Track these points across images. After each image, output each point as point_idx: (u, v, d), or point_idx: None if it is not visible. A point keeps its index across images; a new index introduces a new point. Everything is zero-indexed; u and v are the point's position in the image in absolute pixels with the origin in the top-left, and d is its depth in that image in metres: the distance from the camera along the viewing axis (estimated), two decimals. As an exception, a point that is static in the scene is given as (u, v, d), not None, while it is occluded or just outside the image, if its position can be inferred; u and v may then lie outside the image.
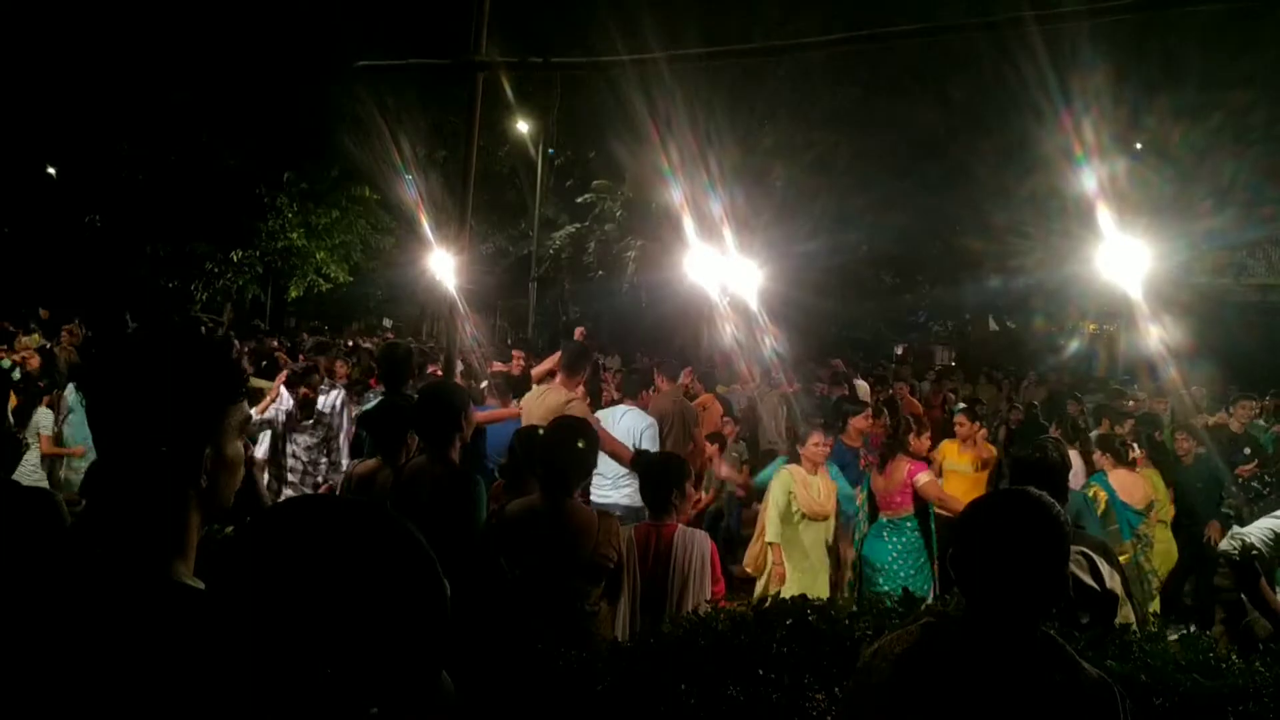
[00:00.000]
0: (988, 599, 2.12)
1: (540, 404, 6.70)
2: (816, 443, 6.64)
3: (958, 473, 8.22)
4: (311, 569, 1.14)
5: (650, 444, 7.07)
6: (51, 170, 23.33)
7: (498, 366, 10.14)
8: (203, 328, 1.52)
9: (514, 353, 10.30)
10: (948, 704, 2.05)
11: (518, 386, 8.32)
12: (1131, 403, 10.85)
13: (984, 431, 8.78)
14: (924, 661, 2.10)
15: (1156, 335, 8.34)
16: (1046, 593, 2.10)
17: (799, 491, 6.36)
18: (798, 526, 6.34)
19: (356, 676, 1.05)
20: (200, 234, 20.87)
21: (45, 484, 7.58)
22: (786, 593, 4.05)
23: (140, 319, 14.16)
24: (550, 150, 26.62)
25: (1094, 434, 8.69)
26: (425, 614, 1.07)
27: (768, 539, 6.32)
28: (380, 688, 0.99)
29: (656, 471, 4.67)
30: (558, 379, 7.00)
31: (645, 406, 7.94)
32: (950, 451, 8.43)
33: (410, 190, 18.70)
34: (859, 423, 7.67)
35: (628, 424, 7.21)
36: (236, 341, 1.57)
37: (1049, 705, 2.02)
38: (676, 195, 14.03)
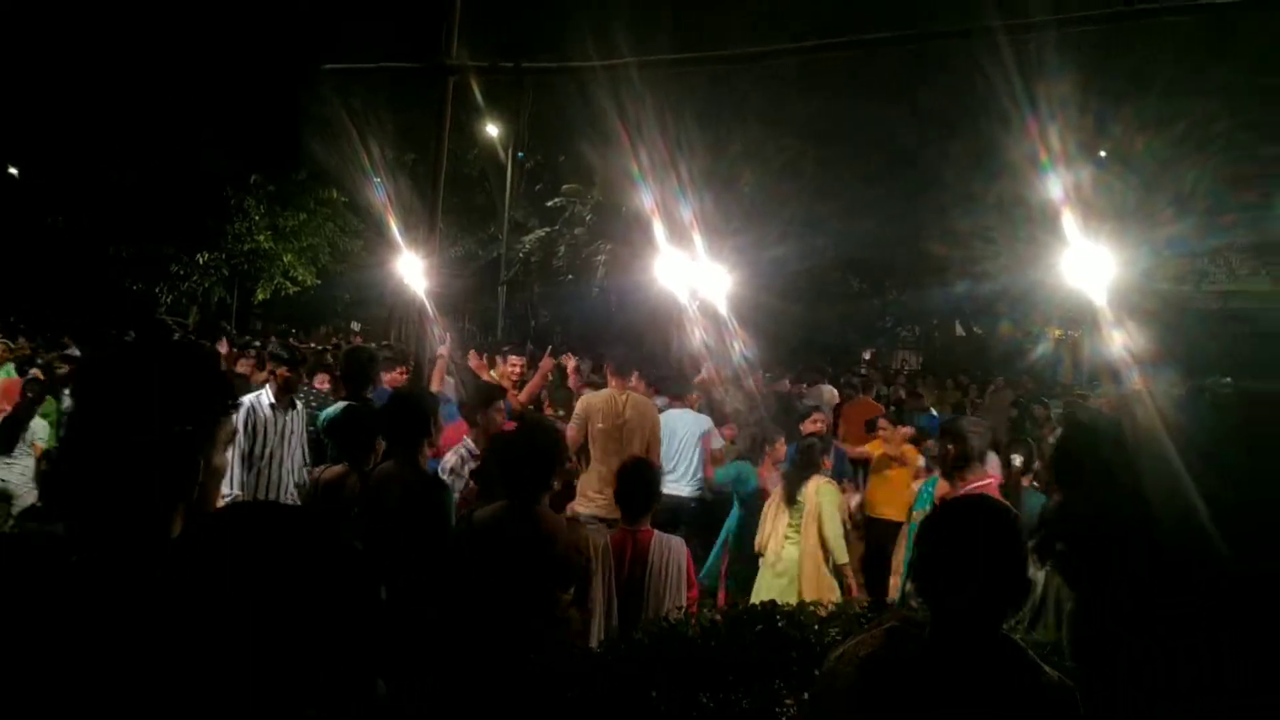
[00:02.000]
0: (948, 603, 2.14)
1: (638, 412, 6.95)
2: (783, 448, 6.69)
3: (883, 476, 8.29)
4: (249, 574, 1.14)
5: (716, 441, 7.87)
6: (14, 170, 22.99)
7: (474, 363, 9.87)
8: (196, 343, 1.55)
9: (512, 358, 9.66)
10: (910, 707, 2.06)
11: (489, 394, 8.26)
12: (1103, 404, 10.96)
13: (907, 431, 8.74)
14: (887, 665, 2.12)
15: (1120, 341, 8.43)
16: (1005, 597, 2.14)
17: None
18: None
19: (292, 679, 1.04)
20: (165, 236, 20.65)
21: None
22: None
23: (134, 331, 14.00)
24: (520, 154, 26.55)
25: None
26: (359, 620, 1.06)
27: (839, 561, 6.21)
28: (316, 691, 0.99)
29: (633, 478, 4.66)
30: (613, 383, 7.19)
31: (691, 406, 8.34)
32: (877, 455, 8.47)
33: (379, 193, 18.59)
34: (809, 427, 7.59)
35: (690, 423, 7.74)
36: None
37: (1010, 707, 2.04)
38: (646, 200, 14.03)
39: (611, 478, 5.02)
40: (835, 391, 12.57)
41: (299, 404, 6.23)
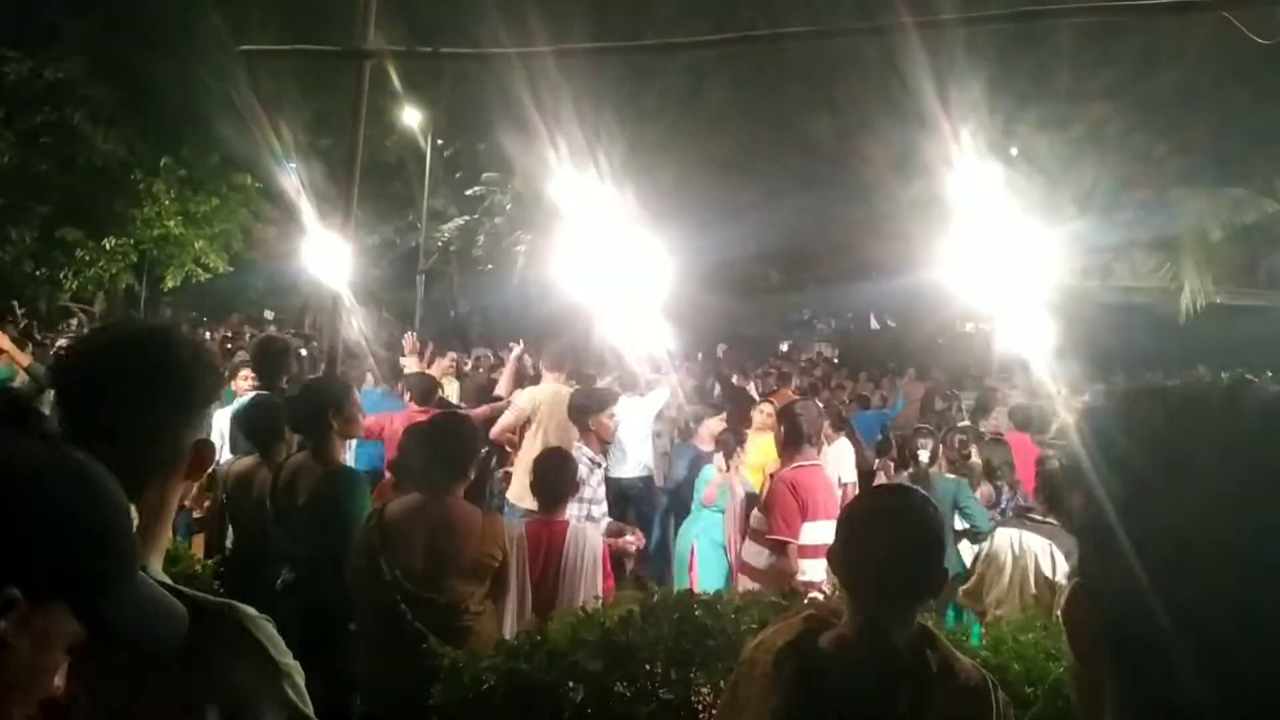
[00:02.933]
0: (864, 592, 2.17)
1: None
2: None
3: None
4: None
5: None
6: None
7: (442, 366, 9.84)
8: (184, 330, 1.54)
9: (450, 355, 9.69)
10: (827, 694, 2.09)
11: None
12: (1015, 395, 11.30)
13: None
14: (804, 653, 2.15)
15: (1029, 334, 8.67)
16: (921, 586, 2.17)
17: None
18: None
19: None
20: (70, 220, 19.92)
21: None
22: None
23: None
24: (439, 141, 26.22)
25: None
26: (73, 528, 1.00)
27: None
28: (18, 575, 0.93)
29: (550, 468, 4.65)
30: (551, 376, 7.48)
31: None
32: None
33: (293, 179, 18.18)
34: (713, 424, 7.65)
35: (634, 410, 7.93)
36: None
37: (924, 695, 2.07)
38: (566, 190, 13.95)
39: None
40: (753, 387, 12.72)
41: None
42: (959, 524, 6.53)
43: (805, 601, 3.38)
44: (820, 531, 4.90)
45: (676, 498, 8.17)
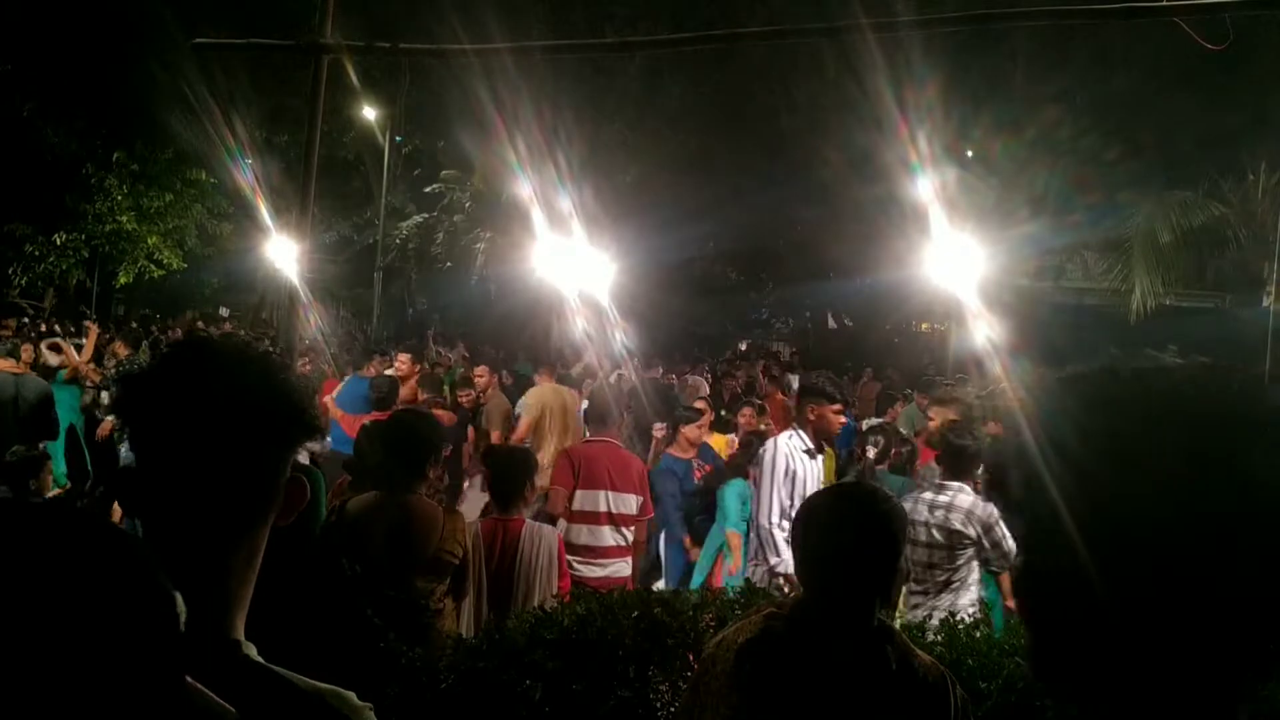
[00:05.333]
0: (822, 590, 2.20)
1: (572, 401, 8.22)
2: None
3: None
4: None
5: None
6: None
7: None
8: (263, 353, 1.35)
9: (401, 355, 9.69)
10: (786, 692, 2.10)
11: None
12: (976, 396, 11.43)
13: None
14: (764, 651, 2.16)
15: (983, 334, 8.77)
16: (878, 583, 2.18)
17: None
18: None
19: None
20: (19, 214, 19.52)
21: None
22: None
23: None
24: (398, 138, 26.02)
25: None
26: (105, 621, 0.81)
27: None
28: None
29: (505, 466, 4.64)
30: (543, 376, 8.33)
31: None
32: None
33: (249, 175, 17.94)
34: (690, 432, 7.30)
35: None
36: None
37: (884, 691, 2.09)
38: (525, 188, 13.93)
39: None
40: (704, 382, 12.78)
41: None
42: None
43: (765, 599, 3.41)
44: (591, 499, 5.54)
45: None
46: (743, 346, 27.11)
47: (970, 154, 18.64)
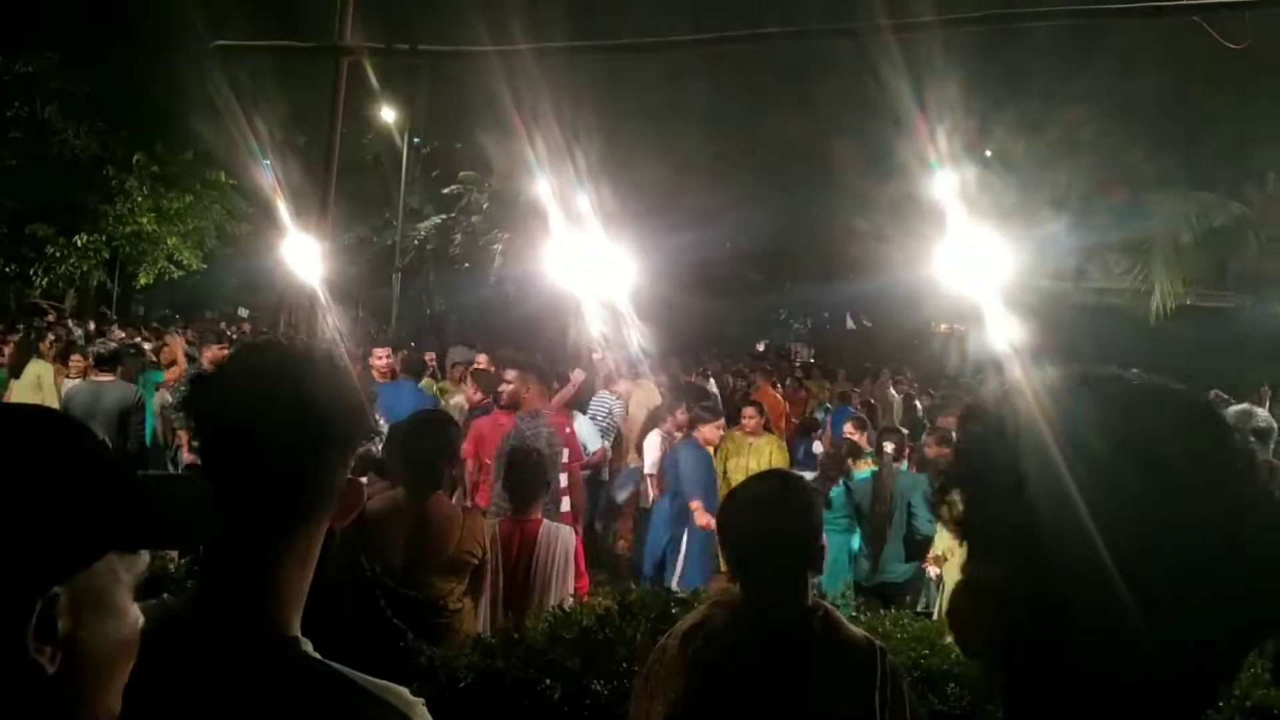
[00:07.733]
0: (749, 571, 2.33)
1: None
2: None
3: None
4: None
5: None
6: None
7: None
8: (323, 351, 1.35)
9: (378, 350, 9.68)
10: (724, 669, 2.21)
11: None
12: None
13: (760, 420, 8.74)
14: (703, 634, 2.28)
15: (1003, 335, 8.73)
16: (801, 560, 2.30)
17: None
18: None
19: None
20: (40, 216, 19.69)
21: None
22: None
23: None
24: (416, 139, 26.11)
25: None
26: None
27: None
28: None
29: (521, 467, 4.65)
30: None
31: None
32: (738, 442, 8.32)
33: (269, 176, 18.04)
34: (708, 431, 7.39)
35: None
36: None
37: (815, 663, 2.20)
38: (543, 188, 13.94)
39: None
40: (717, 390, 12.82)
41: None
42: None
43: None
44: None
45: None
46: (760, 347, 27.09)
47: (989, 154, 18.56)
